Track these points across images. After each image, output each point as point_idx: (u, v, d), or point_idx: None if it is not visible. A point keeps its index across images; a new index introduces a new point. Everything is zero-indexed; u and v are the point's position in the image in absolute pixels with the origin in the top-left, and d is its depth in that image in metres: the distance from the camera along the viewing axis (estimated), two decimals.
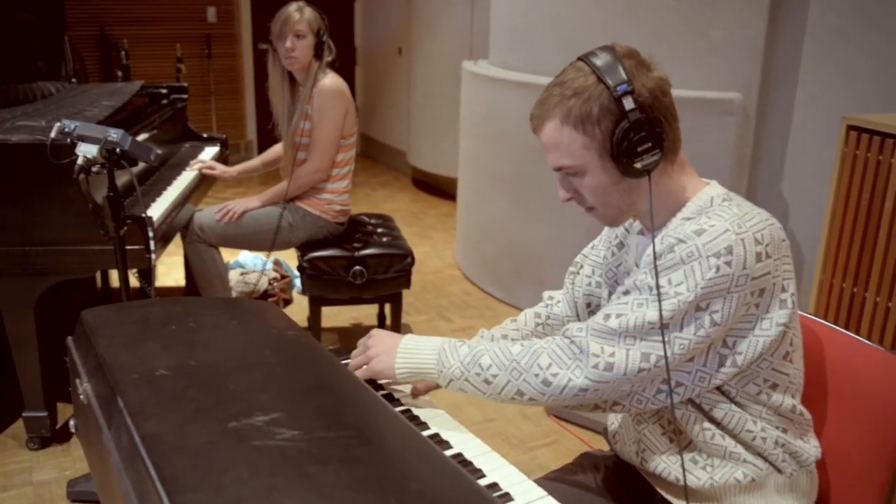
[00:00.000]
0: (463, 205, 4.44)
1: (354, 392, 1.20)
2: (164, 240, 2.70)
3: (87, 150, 2.10)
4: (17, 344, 2.48)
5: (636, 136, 1.16)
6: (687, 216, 1.23)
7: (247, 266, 4.00)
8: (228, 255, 3.23)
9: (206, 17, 6.52)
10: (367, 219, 3.42)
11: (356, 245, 3.09)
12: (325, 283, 3.02)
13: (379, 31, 6.97)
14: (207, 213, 3.05)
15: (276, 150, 3.32)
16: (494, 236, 4.02)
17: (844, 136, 2.05)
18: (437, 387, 1.36)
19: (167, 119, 3.42)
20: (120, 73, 5.50)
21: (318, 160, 2.99)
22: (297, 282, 3.97)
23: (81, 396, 1.25)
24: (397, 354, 1.32)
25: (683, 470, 1.28)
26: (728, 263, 1.13)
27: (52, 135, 2.13)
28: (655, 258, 1.18)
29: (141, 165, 2.89)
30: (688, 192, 1.26)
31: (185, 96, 3.71)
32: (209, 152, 3.58)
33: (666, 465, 1.32)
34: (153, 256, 2.35)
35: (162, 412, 1.07)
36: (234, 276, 3.76)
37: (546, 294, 1.65)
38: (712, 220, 1.17)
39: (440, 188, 6.17)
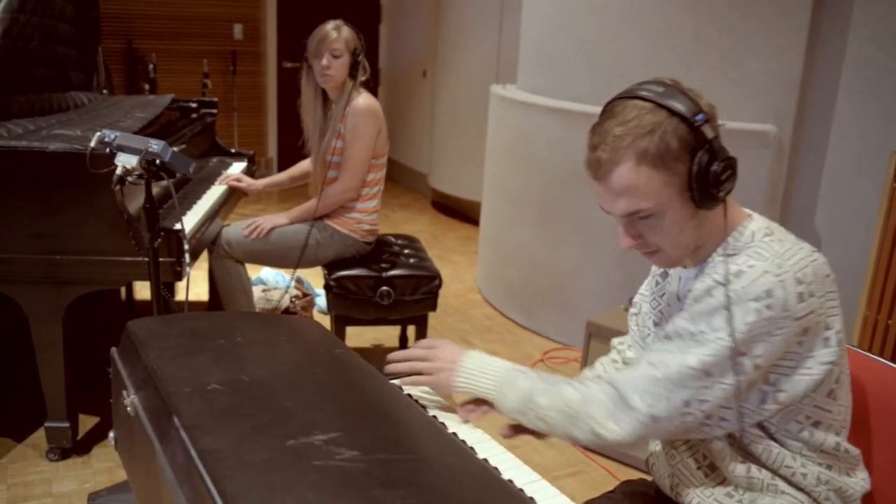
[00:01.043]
0: (486, 229, 4.42)
1: (409, 413, 1.17)
2: (193, 254, 2.69)
3: (126, 161, 2.09)
4: (44, 353, 2.46)
5: (720, 164, 1.12)
6: (729, 253, 1.20)
7: (269, 283, 3.97)
8: (251, 271, 3.20)
9: (232, 34, 6.56)
10: (393, 239, 3.39)
11: (384, 265, 3.06)
12: (351, 303, 3.00)
13: (404, 53, 7.00)
14: (235, 228, 3.04)
15: (304, 165, 3.31)
16: (518, 261, 4.00)
17: (894, 170, 2.03)
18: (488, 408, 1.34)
19: (197, 133, 3.42)
20: (147, 87, 5.53)
21: (349, 179, 2.98)
22: (319, 300, 3.95)
23: (129, 409, 1.22)
24: (459, 372, 1.30)
25: None
26: (769, 307, 1.11)
27: (92, 144, 2.12)
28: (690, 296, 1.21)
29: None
30: (730, 224, 1.23)
31: (215, 111, 3.72)
32: (237, 167, 3.58)
33: (700, 498, 1.29)
34: (188, 269, 2.33)
35: (218, 428, 1.04)
36: (256, 292, 3.74)
37: (615, 341, 1.60)
38: (752, 261, 1.16)
39: (461, 211, 6.15)
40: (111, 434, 1.43)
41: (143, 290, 3.82)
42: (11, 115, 2.74)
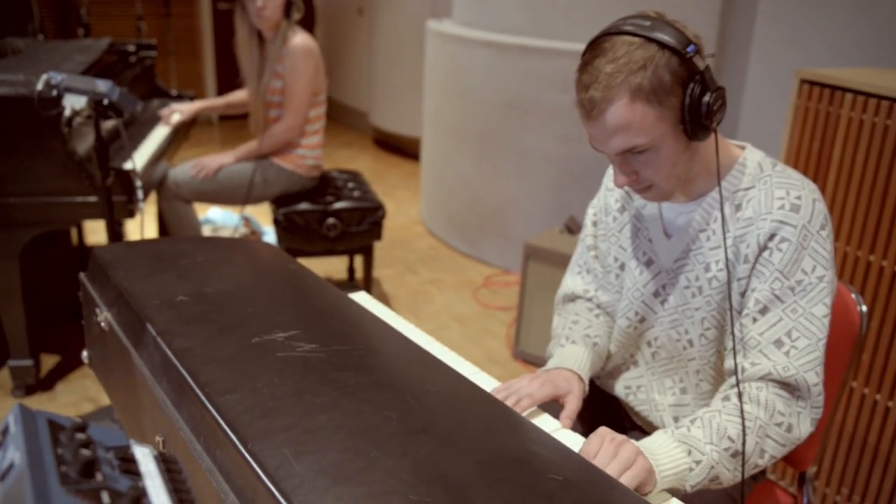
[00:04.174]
0: (427, 163, 4.54)
1: (359, 314, 1.31)
2: (143, 192, 2.76)
3: (75, 102, 2.16)
4: (2, 295, 2.54)
5: (712, 95, 1.14)
6: (745, 186, 1.26)
7: (217, 223, 4.05)
8: (199, 211, 3.28)
9: None
10: (337, 174, 3.50)
11: (329, 199, 3.17)
12: (299, 236, 3.11)
13: None
14: (182, 168, 3.10)
15: (241, 94, 3.35)
16: (459, 193, 4.14)
17: (797, 90, 2.21)
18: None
19: (137, 76, 3.43)
20: (82, 31, 5.42)
21: (292, 118, 3.06)
22: (268, 237, 4.04)
23: (102, 324, 1.34)
24: (659, 483, 1.09)
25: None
26: (829, 227, 1.24)
27: (40, 87, 2.18)
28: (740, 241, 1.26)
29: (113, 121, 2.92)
30: (726, 156, 1.27)
31: (154, 53, 3.72)
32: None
33: (655, 405, 1.45)
34: (140, 206, 2.41)
35: (188, 332, 1.17)
36: (205, 231, 3.82)
37: (578, 289, 1.54)
38: (793, 191, 1.23)
39: (402, 148, 6.25)
40: (84, 353, 1.55)
41: (92, 235, 3.86)
42: None
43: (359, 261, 3.72)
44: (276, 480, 0.85)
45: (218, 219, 4.07)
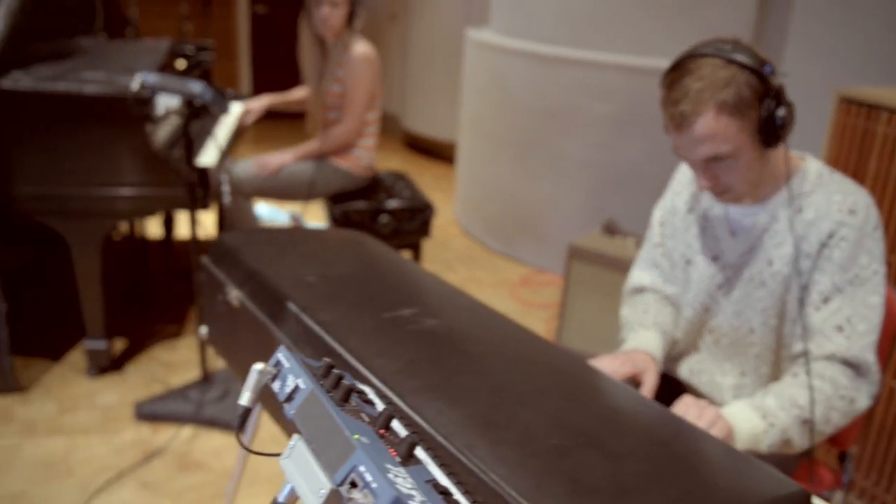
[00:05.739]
0: (464, 166, 4.72)
1: (459, 295, 1.49)
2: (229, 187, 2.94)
3: (168, 101, 2.34)
4: (84, 279, 2.71)
5: (785, 109, 1.32)
6: (805, 191, 1.44)
7: (264, 218, 4.23)
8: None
9: None
10: (385, 174, 3.68)
11: (381, 197, 3.35)
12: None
13: None
14: (244, 165, 3.28)
15: (302, 92, 3.52)
16: (496, 195, 4.32)
17: (836, 108, 2.38)
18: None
19: (198, 77, 3.62)
20: (131, 31, 5.62)
21: (350, 122, 3.24)
22: None
23: (234, 302, 1.52)
24: (735, 438, 1.31)
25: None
26: (878, 228, 1.42)
27: (135, 86, 2.36)
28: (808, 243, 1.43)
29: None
30: (790, 165, 1.44)
31: (211, 54, 3.91)
32: (235, 107, 3.79)
33: (717, 385, 1.63)
34: (227, 198, 2.59)
35: (325, 307, 1.34)
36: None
37: (645, 283, 1.73)
38: (850, 196, 1.40)
39: (433, 151, 6.42)
40: (202, 330, 1.72)
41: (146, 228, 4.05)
42: (33, 61, 2.92)
43: (407, 254, 3.89)
44: (435, 427, 1.02)
45: (265, 214, 4.25)
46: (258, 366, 0.78)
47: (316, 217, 4.42)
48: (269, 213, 4.27)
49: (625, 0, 3.65)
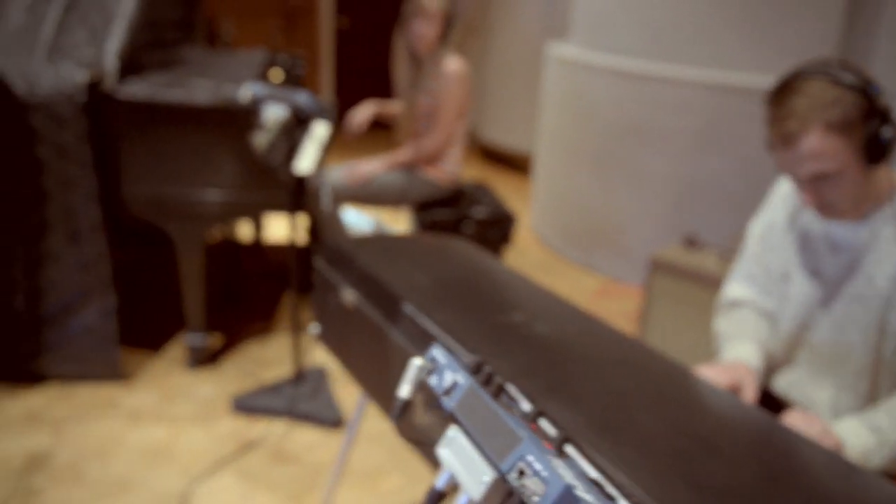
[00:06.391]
0: (542, 177, 4.78)
1: (559, 301, 1.56)
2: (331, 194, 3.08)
3: (275, 110, 2.47)
4: (187, 277, 2.86)
5: (890, 128, 1.36)
6: None
7: (350, 224, 4.36)
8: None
9: None
10: (468, 184, 3.76)
11: (465, 206, 3.44)
12: None
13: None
14: (335, 171, 3.41)
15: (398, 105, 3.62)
16: (574, 207, 4.36)
17: None
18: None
19: (292, 86, 3.77)
20: (222, 41, 5.85)
21: (440, 135, 3.33)
22: None
23: (347, 302, 1.62)
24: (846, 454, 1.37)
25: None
26: None
27: (246, 96, 2.49)
28: None
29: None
30: (886, 181, 1.49)
31: (304, 65, 4.06)
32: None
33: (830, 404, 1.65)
34: (326, 202, 2.71)
35: (440, 308, 1.43)
36: None
37: (739, 297, 1.78)
38: None
39: (508, 161, 6.50)
40: (313, 328, 1.82)
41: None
42: (144, 69, 3.10)
43: None
44: (559, 427, 1.09)
45: (351, 220, 4.38)
46: (417, 361, 0.86)
47: (399, 224, 4.54)
48: (355, 218, 4.39)
49: (709, 14, 3.66)
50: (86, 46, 2.72)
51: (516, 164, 6.34)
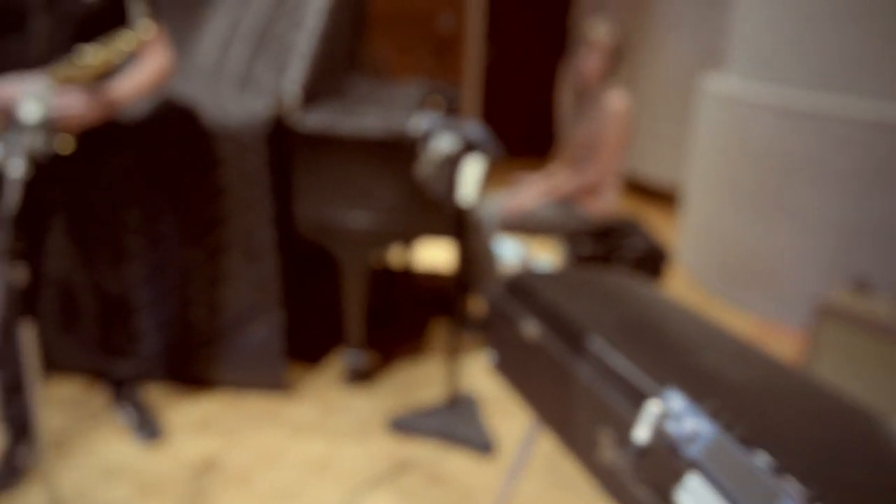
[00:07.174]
0: (692, 211, 4.68)
1: (748, 341, 1.53)
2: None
3: (446, 141, 2.55)
4: (350, 296, 2.99)
5: None
6: None
7: (499, 253, 4.42)
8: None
9: (437, 23, 7.03)
10: (618, 218, 3.74)
11: (618, 239, 3.42)
12: None
13: None
14: (493, 201, 3.47)
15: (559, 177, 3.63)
16: (727, 243, 4.25)
17: None
18: None
19: (450, 115, 3.87)
20: (379, 71, 6.08)
21: (598, 168, 3.34)
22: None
23: (527, 335, 1.65)
24: None
25: None
26: None
27: (417, 127, 2.59)
28: None
29: None
30: None
31: (458, 97, 4.16)
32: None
33: None
34: (487, 230, 2.77)
35: (628, 345, 1.44)
36: None
37: None
38: None
39: (652, 191, 6.41)
40: (489, 356, 1.87)
41: None
42: (318, 98, 3.26)
43: None
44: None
45: (500, 249, 4.44)
46: (655, 407, 0.88)
47: (546, 254, 4.56)
48: (506, 249, 4.45)
49: (884, 44, 3.50)
50: (270, 79, 2.91)
51: (660, 196, 6.24)
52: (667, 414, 0.87)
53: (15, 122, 1.87)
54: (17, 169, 1.76)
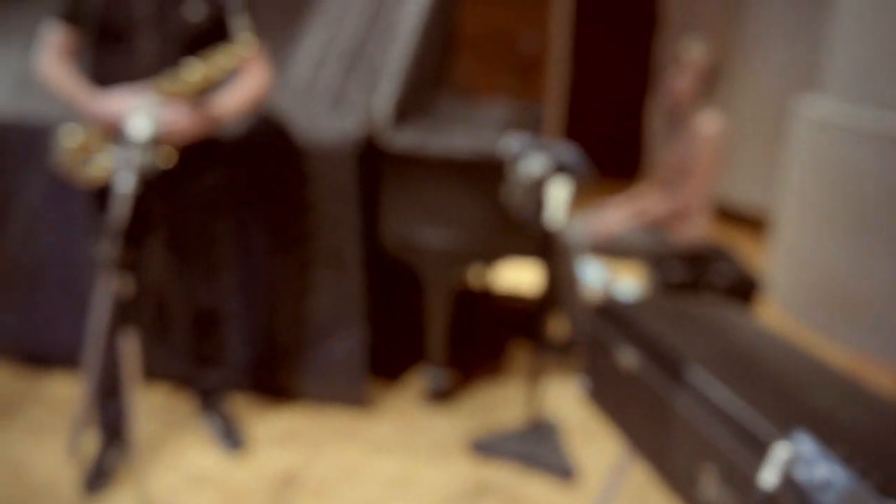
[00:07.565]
0: (784, 240, 4.53)
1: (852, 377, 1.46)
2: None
3: (538, 163, 2.53)
4: (433, 315, 2.98)
5: None
6: None
7: (582, 276, 4.36)
8: None
9: (520, 41, 7.01)
10: (707, 244, 3.64)
11: (707, 266, 3.33)
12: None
13: None
14: (580, 223, 3.43)
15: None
16: (824, 274, 4.09)
17: None
18: None
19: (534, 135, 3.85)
20: (462, 89, 6.12)
21: (688, 194, 3.26)
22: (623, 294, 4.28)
23: (623, 363, 1.61)
24: None
25: None
26: None
27: (512, 149, 2.58)
28: None
29: None
30: None
31: (542, 115, 4.14)
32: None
33: None
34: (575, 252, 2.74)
35: (730, 378, 1.39)
36: None
37: None
38: None
39: (740, 216, 6.25)
40: (583, 382, 1.83)
41: None
42: (407, 116, 3.29)
43: None
44: None
45: (587, 273, 4.39)
46: (784, 451, 0.84)
47: (630, 279, 4.48)
48: (591, 272, 4.39)
49: None
50: (362, 98, 2.94)
51: (747, 221, 6.07)
52: (796, 458, 0.82)
53: (124, 138, 1.93)
54: (127, 184, 1.82)
